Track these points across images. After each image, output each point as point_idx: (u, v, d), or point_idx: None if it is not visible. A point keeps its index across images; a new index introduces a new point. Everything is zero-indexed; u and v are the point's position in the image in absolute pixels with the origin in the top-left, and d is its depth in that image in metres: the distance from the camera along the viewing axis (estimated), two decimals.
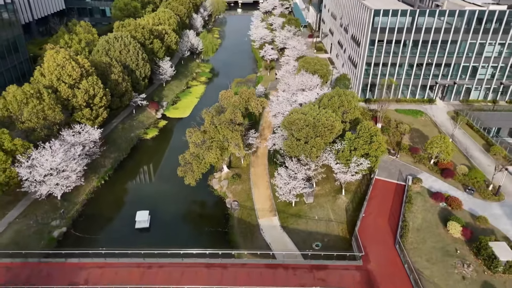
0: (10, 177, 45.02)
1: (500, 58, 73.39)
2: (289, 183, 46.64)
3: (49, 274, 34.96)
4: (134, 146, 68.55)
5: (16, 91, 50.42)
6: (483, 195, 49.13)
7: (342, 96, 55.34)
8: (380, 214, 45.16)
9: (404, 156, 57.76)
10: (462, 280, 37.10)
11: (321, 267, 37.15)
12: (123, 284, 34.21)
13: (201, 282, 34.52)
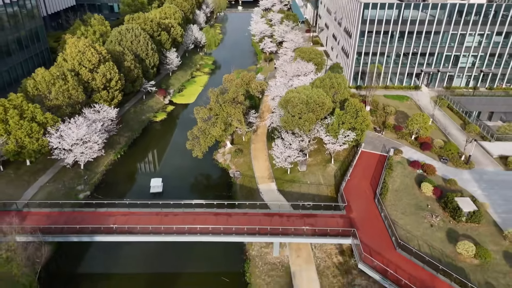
0: (42, 145, 51.82)
1: (479, 47, 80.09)
2: (285, 152, 53.43)
3: (82, 219, 41.74)
4: (145, 127, 75.44)
5: (45, 73, 57.21)
6: (455, 164, 55.92)
7: (333, 78, 62.12)
8: (364, 178, 51.92)
9: (388, 133, 64.54)
10: (430, 227, 43.82)
11: (311, 215, 43.92)
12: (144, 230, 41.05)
13: (210, 225, 41.37)
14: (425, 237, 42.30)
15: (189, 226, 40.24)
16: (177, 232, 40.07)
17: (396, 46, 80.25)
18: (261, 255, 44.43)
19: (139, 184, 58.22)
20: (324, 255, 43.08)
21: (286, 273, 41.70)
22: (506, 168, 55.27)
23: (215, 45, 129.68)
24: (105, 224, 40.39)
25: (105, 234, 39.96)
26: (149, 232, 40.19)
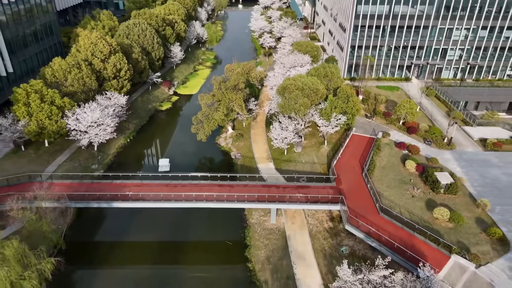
0: (60, 127, 56.87)
1: (466, 41, 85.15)
2: (282, 134, 58.45)
3: (100, 189, 46.74)
4: (151, 115, 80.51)
5: (61, 62, 62.25)
6: (438, 145, 60.98)
7: (327, 68, 67.22)
8: (353, 157, 56.96)
9: (378, 119, 69.59)
10: (411, 198, 48.84)
11: (304, 187, 48.96)
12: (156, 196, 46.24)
13: (215, 193, 46.52)
14: (406, 205, 47.32)
15: (196, 194, 45.34)
16: (186, 199, 45.15)
17: (387, 40, 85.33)
18: (260, 222, 49.53)
19: (148, 164, 63.29)
20: (316, 222, 48.13)
21: (282, 237, 46.77)
22: (484, 149, 60.37)
23: (216, 41, 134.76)
24: (121, 192, 45.43)
25: (122, 201, 45.02)
26: (161, 199, 45.24)
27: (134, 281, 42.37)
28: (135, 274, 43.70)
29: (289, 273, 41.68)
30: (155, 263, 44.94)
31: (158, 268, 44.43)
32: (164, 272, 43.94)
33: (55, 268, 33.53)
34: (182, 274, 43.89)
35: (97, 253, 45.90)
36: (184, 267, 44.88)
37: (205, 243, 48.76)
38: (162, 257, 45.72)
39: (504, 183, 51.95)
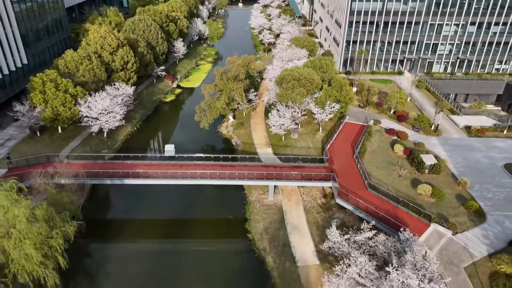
0: (73, 113, 61.16)
1: (456, 36, 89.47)
2: (279, 121, 62.69)
3: (113, 168, 51.03)
4: (156, 106, 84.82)
5: (73, 54, 66.54)
6: (426, 132, 65.28)
7: (322, 60, 71.52)
8: (346, 141, 61.25)
9: (371, 109, 73.89)
10: (398, 177, 53.09)
11: (300, 167, 53.25)
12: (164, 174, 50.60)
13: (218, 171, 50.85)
14: (393, 184, 51.55)
15: (201, 172, 49.65)
16: (191, 177, 49.45)
17: (381, 35, 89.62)
18: (259, 200, 53.82)
19: (155, 150, 67.56)
20: (310, 199, 52.41)
21: (279, 212, 51.05)
22: (468, 135, 64.73)
23: (217, 37, 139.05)
24: (132, 170, 49.73)
25: (133, 178, 49.31)
26: (168, 177, 49.53)
27: (144, 254, 46.51)
28: (144, 248, 47.84)
29: (285, 241, 45.97)
30: (163, 238, 49.03)
31: (166, 242, 48.54)
32: (171, 246, 48.08)
33: (77, 231, 37.73)
34: (188, 247, 48.04)
35: (109, 229, 50.12)
36: (190, 241, 49.06)
37: (208, 220, 52.95)
38: (169, 232, 49.80)
39: (485, 165, 56.25)
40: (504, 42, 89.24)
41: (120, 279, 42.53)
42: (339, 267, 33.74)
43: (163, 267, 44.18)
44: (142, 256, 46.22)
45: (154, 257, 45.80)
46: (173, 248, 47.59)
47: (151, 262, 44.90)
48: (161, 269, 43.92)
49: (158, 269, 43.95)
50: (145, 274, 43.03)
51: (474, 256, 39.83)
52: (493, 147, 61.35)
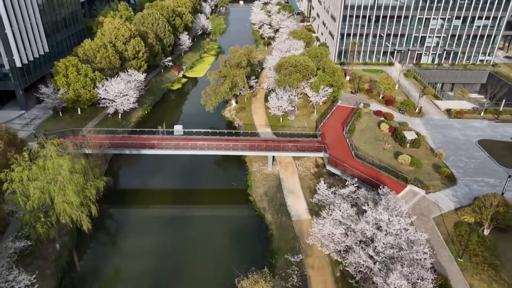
0: (93, 95, 68.02)
1: (442, 29, 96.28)
2: (277, 103, 69.53)
3: (130, 141, 57.92)
4: (164, 93, 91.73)
5: (91, 43, 73.40)
6: (410, 114, 72.11)
7: (317, 49, 78.41)
8: (337, 121, 68.10)
9: (362, 95, 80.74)
10: (383, 150, 59.88)
11: (295, 141, 60.14)
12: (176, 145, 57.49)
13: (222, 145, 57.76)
14: (378, 156, 58.29)
15: (209, 143, 56.57)
16: (200, 148, 56.31)
17: (373, 28, 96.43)
18: (259, 170, 60.68)
19: (164, 130, 74.30)
20: (304, 169, 59.26)
21: (277, 179, 57.89)
22: (449, 117, 71.58)
23: (219, 33, 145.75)
24: (148, 142, 56.65)
25: (149, 148, 56.19)
26: (180, 148, 56.41)
27: (157, 219, 53.12)
28: (157, 214, 54.39)
29: (282, 202, 52.83)
30: (174, 204, 55.76)
31: (177, 207, 55.21)
32: (182, 210, 54.72)
33: (106, 186, 44.51)
34: (196, 211, 54.67)
35: (126, 197, 56.97)
36: (198, 206, 55.79)
37: (215, 189, 59.74)
38: (179, 200, 56.36)
39: (461, 141, 63.12)
40: (487, 35, 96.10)
41: (136, 236, 49.28)
42: (325, 211, 40.57)
43: (174, 227, 50.93)
44: (155, 219, 52.99)
45: (166, 220, 52.50)
46: (183, 212, 54.32)
47: (163, 223, 51.71)
48: (173, 229, 50.72)
49: (170, 228, 50.81)
50: (158, 233, 49.79)
51: (442, 209, 46.74)
52: (470, 126, 68.23)
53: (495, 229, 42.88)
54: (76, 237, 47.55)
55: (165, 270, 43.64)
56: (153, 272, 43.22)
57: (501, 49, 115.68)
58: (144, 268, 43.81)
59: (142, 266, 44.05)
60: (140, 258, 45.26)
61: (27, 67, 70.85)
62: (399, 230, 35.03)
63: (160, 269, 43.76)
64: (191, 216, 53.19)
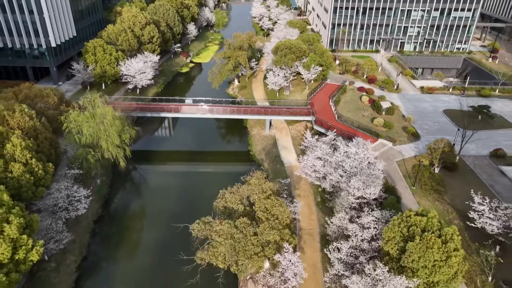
0: (116, 72, 79.55)
1: (422, 20, 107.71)
2: (274, 79, 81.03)
3: (151, 106, 69.54)
4: (175, 75, 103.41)
5: (113, 27, 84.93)
6: (389, 90, 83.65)
7: (310, 35, 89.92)
8: (325, 95, 79.59)
9: (348, 75, 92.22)
10: (362, 117, 71.31)
11: (289, 108, 71.80)
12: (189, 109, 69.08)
13: (227, 110, 69.40)
14: (358, 120, 69.68)
15: (216, 108, 68.17)
16: (209, 112, 67.89)
17: (360, 19, 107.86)
18: (258, 133, 72.26)
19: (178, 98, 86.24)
20: (296, 132, 70.83)
21: (273, 139, 69.48)
22: (421, 93, 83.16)
23: (222, 25, 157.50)
24: (166, 106, 68.31)
25: (167, 112, 67.80)
26: (192, 112, 67.99)
27: (172, 172, 64.64)
28: (172, 169, 65.93)
29: (277, 154, 64.43)
30: (187, 162, 67.39)
31: (189, 164, 66.76)
32: (193, 167, 66.08)
33: (137, 134, 56.07)
34: (206, 167, 66.01)
35: (146, 156, 68.46)
36: (206, 163, 67.40)
37: (221, 151, 71.37)
38: (191, 158, 68.00)
39: (429, 111, 74.64)
40: (463, 25, 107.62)
41: (156, 182, 60.99)
42: (309, 151, 52.13)
43: (188, 177, 62.37)
44: (170, 173, 64.72)
45: (180, 173, 64.18)
46: (194, 168, 65.70)
47: (178, 174, 63.41)
48: (187, 178, 62.24)
49: (184, 177, 62.37)
50: (174, 180, 61.35)
51: (404, 156, 58.37)
52: (438, 100, 79.78)
53: (443, 168, 54.48)
54: (110, 178, 59.23)
55: (180, 203, 55.15)
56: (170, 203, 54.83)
57: (478, 39, 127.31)
58: (163, 202, 55.32)
59: (161, 201, 55.53)
60: (159, 196, 56.78)
61: (59, 48, 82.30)
62: (363, 158, 46.56)
63: (176, 201, 55.36)
64: (201, 170, 64.84)
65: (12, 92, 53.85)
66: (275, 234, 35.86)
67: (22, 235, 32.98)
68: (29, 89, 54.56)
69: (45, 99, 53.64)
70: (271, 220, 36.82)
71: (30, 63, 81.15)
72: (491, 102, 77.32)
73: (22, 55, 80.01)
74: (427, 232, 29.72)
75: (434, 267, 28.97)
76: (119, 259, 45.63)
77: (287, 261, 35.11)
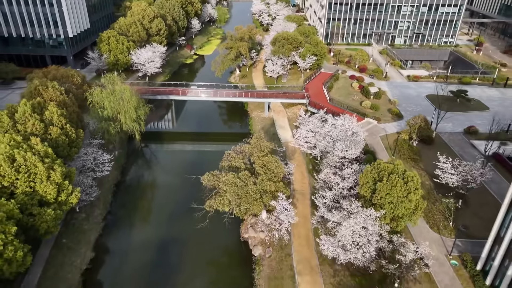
0: (128, 60, 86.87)
1: (412, 15, 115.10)
2: (273, 67, 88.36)
3: (161, 89, 76.92)
4: (180, 65, 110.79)
5: (125, 20, 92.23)
6: (378, 78, 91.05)
7: (306, 28, 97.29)
8: (319, 81, 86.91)
9: (342, 65, 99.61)
10: (352, 100, 78.75)
11: (286, 92, 79.15)
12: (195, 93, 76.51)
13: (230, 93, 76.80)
14: (348, 103, 77.21)
15: (220, 91, 75.56)
16: (213, 95, 75.27)
17: (354, 14, 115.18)
18: (258, 115, 79.62)
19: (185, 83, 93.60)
20: (292, 114, 78.17)
21: (271, 121, 76.83)
22: (408, 80, 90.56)
23: (224, 21, 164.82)
24: (175, 89, 75.70)
25: (175, 95, 75.17)
26: (198, 95, 75.38)
27: (180, 152, 71.88)
28: (180, 148, 73.31)
29: (274, 132, 71.79)
30: (193, 141, 74.89)
31: (195, 144, 74.24)
32: (199, 146, 73.43)
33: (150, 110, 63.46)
34: (210, 147, 73.45)
35: (156, 136, 75.87)
36: (211, 142, 74.88)
37: (224, 132, 78.81)
38: (196, 139, 75.48)
39: (413, 96, 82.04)
40: (450, 20, 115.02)
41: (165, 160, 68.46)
42: (302, 125, 59.46)
43: (192, 155, 69.67)
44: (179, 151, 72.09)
45: (186, 152, 71.43)
46: (199, 147, 73.04)
47: (185, 153, 70.61)
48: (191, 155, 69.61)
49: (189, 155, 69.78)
50: (182, 159, 68.67)
51: (387, 132, 65.78)
52: (422, 87, 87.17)
53: (421, 141, 61.89)
54: (126, 151, 66.65)
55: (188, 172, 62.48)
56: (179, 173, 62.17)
57: (466, 34, 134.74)
58: (173, 171, 62.63)
59: (172, 170, 62.87)
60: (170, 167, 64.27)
61: (75, 38, 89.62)
62: (348, 129, 53.93)
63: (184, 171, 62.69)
64: (206, 149, 72.14)
65: (42, 72, 61.18)
66: (271, 185, 43.24)
67: (64, 181, 40.33)
68: (56, 71, 61.85)
69: (70, 79, 60.98)
70: (268, 173, 44.19)
71: (49, 52, 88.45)
72: (471, 88, 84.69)
73: (42, 45, 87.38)
74: (393, 175, 37.02)
75: (397, 202, 36.27)
76: (138, 213, 53.00)
77: (281, 206, 42.46)
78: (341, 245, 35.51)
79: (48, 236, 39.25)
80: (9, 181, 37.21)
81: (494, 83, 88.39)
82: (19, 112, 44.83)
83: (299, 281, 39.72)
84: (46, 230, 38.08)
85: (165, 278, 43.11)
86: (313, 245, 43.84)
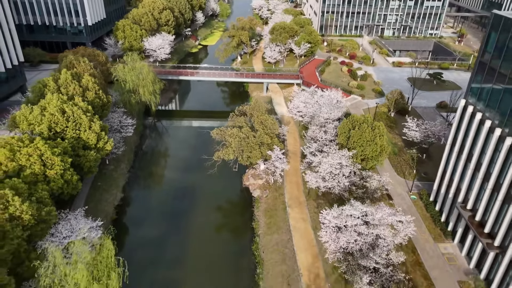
0: (140, 46, 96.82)
1: (399, 9, 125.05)
2: (271, 53, 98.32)
3: (172, 70, 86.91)
4: (186, 54, 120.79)
5: (138, 11, 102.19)
6: (366, 64, 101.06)
7: (301, 19, 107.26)
8: (313, 66, 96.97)
9: (334, 53, 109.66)
10: (341, 82, 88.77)
11: (282, 74, 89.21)
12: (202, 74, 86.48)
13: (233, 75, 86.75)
14: (337, 84, 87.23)
15: (224, 73, 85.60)
16: (218, 76, 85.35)
17: (346, 7, 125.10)
18: (257, 95, 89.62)
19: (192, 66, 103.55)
20: (287, 93, 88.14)
21: (269, 99, 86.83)
22: (392, 66, 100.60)
23: (226, 15, 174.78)
24: (184, 71, 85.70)
25: (184, 75, 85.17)
26: (204, 75, 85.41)
27: (188, 127, 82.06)
28: (188, 124, 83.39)
29: (271, 108, 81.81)
30: (199, 118, 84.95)
31: (201, 121, 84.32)
32: (204, 123, 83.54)
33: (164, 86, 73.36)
34: (215, 123, 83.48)
35: (166, 113, 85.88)
36: (216, 120, 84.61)
37: (227, 110, 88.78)
38: (202, 116, 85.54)
39: (396, 78, 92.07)
40: (434, 13, 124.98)
41: (177, 131, 78.42)
42: (295, 98, 69.47)
43: (200, 129, 79.92)
44: (187, 126, 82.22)
45: (194, 127, 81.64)
46: (205, 123, 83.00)
47: (193, 128, 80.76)
48: (200, 130, 79.69)
49: (197, 131, 79.81)
50: (191, 132, 78.88)
51: (369, 106, 75.82)
52: (405, 71, 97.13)
53: (397, 113, 71.95)
54: (142, 122, 76.73)
55: (198, 141, 72.66)
56: (190, 140, 72.38)
57: (451, 27, 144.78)
58: (185, 139, 72.75)
59: (183, 139, 72.98)
60: (181, 137, 74.41)
61: (94, 27, 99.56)
62: (333, 98, 63.95)
63: (194, 140, 72.87)
64: (211, 125, 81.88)
65: (72, 52, 71.16)
66: (268, 138, 53.23)
67: (101, 132, 50.32)
68: (84, 50, 71.82)
69: (96, 58, 70.91)
70: (265, 129, 54.20)
71: (70, 39, 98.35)
72: (449, 73, 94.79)
73: (63, 32, 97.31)
74: (364, 124, 47.01)
75: (366, 145, 46.27)
76: (157, 167, 63.22)
77: (276, 156, 52.47)
78: (321, 177, 45.45)
79: (89, 175, 49.27)
80: (61, 128, 47.17)
81: (469, 68, 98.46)
82: (61, 78, 54.77)
83: (289, 211, 49.78)
84: (89, 169, 48.08)
85: (182, 211, 53.17)
86: (302, 188, 53.91)
